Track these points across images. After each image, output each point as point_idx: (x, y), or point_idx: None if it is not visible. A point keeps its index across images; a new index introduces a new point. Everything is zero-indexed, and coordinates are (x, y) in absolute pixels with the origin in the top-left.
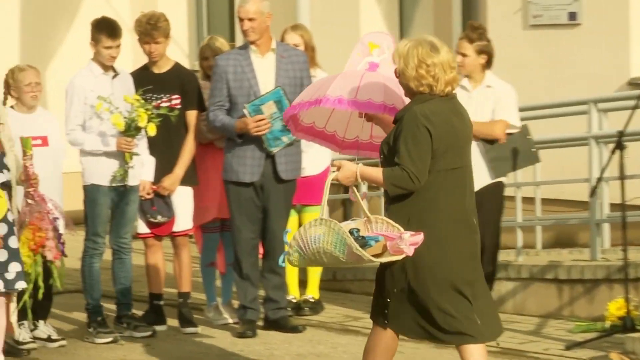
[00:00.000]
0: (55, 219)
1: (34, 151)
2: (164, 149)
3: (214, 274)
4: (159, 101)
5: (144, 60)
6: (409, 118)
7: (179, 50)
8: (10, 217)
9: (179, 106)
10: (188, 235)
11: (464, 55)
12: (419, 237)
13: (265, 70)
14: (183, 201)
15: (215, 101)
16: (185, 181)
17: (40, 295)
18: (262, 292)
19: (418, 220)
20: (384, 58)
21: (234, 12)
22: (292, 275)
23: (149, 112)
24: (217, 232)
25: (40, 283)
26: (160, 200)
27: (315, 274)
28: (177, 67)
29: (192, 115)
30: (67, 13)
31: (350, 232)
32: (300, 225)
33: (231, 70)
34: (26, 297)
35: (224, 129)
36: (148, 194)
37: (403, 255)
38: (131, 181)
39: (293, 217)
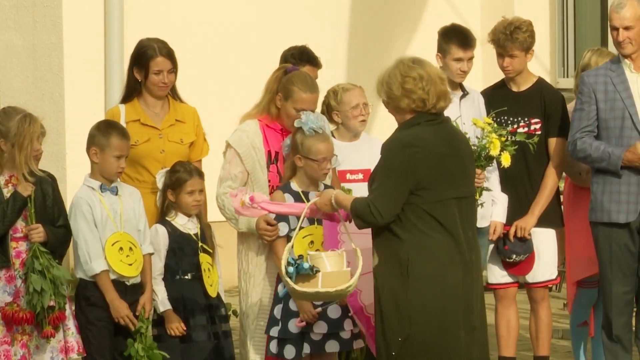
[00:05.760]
0: None
1: (352, 188)
2: (520, 184)
3: (586, 335)
4: (515, 126)
5: (495, 75)
6: (388, 146)
7: (538, 65)
8: None
9: (538, 132)
10: (548, 288)
11: None
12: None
13: None
14: (543, 246)
15: (582, 126)
16: (546, 222)
17: None
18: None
19: (407, 258)
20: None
21: (606, 20)
22: None
23: (503, 139)
24: (596, 288)
25: None
26: (514, 238)
27: None
28: (540, 84)
29: (555, 144)
30: (405, 20)
31: (298, 257)
32: None
33: (601, 89)
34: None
35: (603, 159)
36: (499, 237)
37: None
38: (480, 222)
39: None
